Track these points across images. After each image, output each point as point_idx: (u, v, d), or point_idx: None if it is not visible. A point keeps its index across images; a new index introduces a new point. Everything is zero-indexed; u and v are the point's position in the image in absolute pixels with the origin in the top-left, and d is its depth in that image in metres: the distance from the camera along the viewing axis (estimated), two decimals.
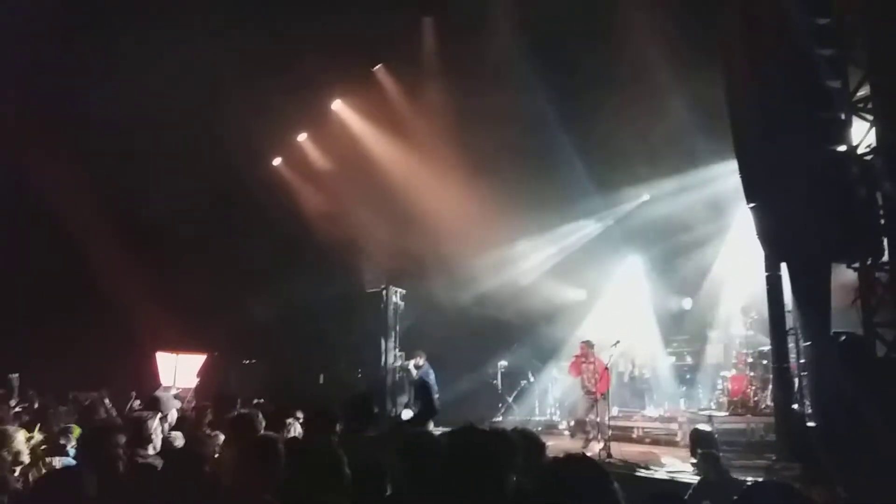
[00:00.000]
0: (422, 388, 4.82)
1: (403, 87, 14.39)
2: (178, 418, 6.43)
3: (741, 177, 7.76)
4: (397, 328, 15.52)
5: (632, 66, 10.81)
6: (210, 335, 15.77)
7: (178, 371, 15.31)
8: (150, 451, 4.89)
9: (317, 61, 12.97)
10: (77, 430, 6.22)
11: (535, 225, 14.92)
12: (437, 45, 13.49)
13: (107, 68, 12.45)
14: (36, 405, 8.45)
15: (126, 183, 14.70)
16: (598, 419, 10.68)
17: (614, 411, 10.82)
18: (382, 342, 15.35)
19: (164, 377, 15.17)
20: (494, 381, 14.96)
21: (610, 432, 10.05)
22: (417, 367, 13.37)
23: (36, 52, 12.79)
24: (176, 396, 10.90)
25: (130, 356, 15.34)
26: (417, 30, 13.55)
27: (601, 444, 9.98)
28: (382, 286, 15.74)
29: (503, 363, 15.20)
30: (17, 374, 8.20)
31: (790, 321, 8.23)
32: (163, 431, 5.37)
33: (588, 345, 11.55)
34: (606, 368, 10.79)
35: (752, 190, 7.63)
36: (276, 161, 17.44)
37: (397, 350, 15.35)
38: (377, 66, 14.55)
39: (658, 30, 10.53)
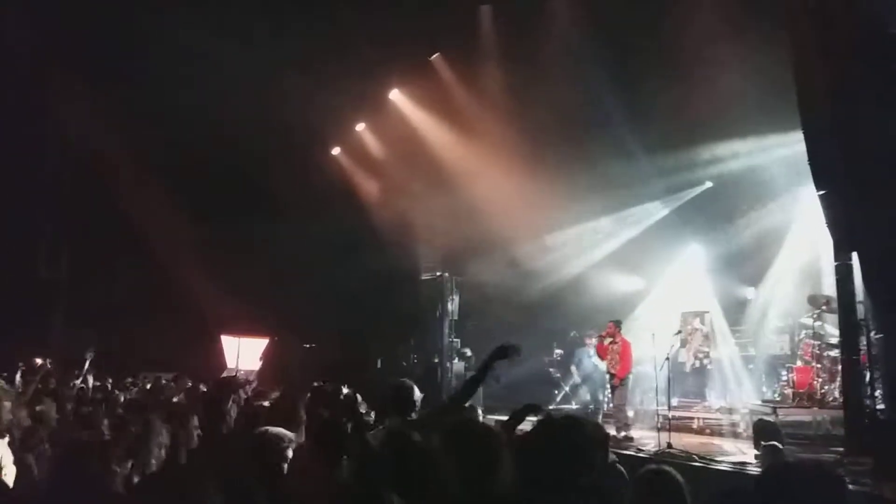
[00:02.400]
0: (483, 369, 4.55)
1: (460, 76, 14.40)
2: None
3: (810, 163, 7.53)
4: (453, 314, 15.65)
5: (692, 51, 10.53)
6: (272, 320, 16.26)
7: (241, 354, 15.86)
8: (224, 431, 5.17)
9: (374, 51, 13.12)
10: None
11: (591, 212, 14.77)
12: (494, 34, 13.44)
13: (171, 59, 12.77)
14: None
15: (189, 171, 15.20)
16: (616, 406, 10.70)
17: (674, 402, 10.61)
18: (438, 328, 15.53)
19: (229, 360, 15.76)
20: (551, 369, 14.91)
21: (670, 421, 9.88)
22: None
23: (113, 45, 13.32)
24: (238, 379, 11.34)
25: (196, 339, 15.96)
26: (475, 18, 13.52)
27: (621, 434, 10.04)
28: (438, 273, 15.89)
29: (559, 351, 15.12)
30: (91, 352, 8.52)
31: (860, 312, 7.97)
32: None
33: (616, 324, 11.09)
34: (629, 350, 10.73)
35: (823, 177, 7.41)
36: (335, 150, 17.74)
37: (453, 336, 15.50)
38: (434, 55, 14.60)
39: (719, 10, 10.24)
